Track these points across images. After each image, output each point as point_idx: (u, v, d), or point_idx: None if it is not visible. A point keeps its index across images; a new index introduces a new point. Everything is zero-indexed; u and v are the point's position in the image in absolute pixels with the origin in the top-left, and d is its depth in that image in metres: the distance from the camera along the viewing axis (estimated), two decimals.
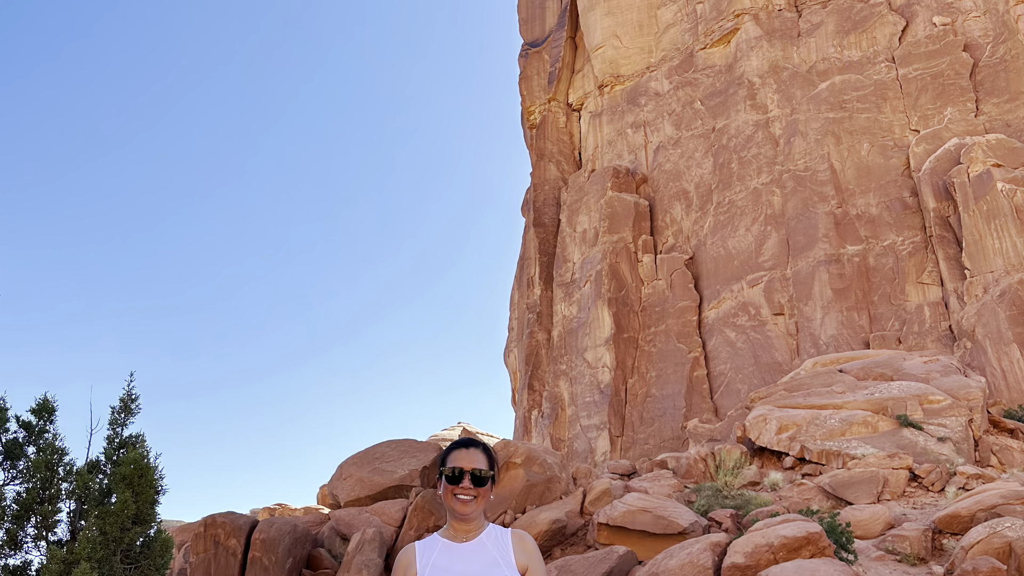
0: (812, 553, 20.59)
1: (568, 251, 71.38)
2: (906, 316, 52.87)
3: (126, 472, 5.16)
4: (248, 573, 29.71)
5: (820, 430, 34.58)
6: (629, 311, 63.61)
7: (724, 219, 63.27)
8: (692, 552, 21.88)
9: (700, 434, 53.36)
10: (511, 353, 77.57)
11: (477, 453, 4.51)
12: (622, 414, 60.33)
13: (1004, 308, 47.22)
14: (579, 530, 30.64)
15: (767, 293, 57.91)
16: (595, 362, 62.86)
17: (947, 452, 32.68)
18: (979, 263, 49.91)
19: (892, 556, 23.00)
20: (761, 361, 55.68)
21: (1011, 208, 49.23)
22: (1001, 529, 21.16)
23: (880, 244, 55.69)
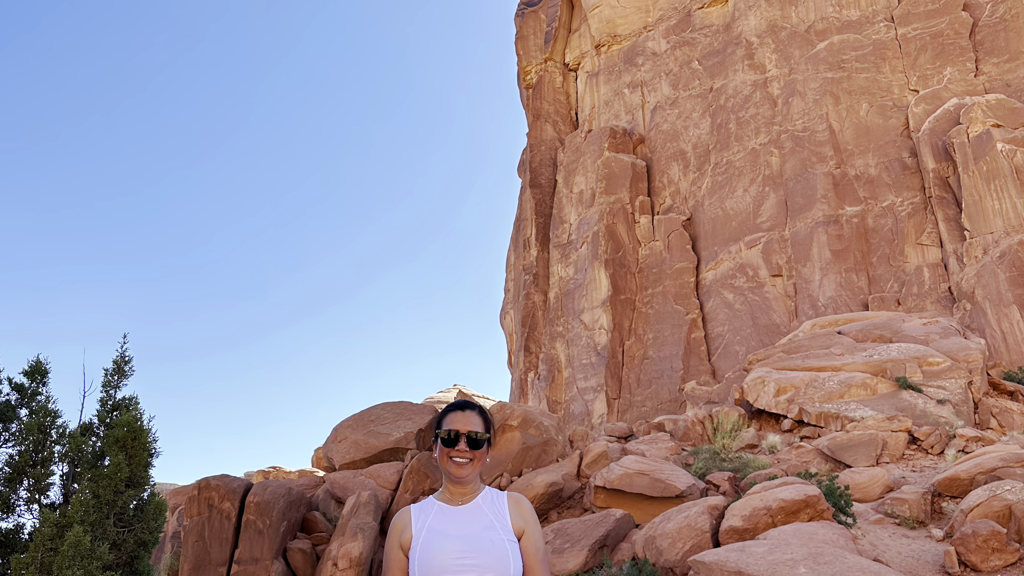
0: (810, 516, 20.54)
1: (565, 212, 71.20)
2: (905, 278, 52.77)
3: (119, 435, 5.08)
4: (242, 536, 29.70)
5: (819, 392, 34.53)
6: (626, 272, 63.51)
7: (722, 180, 63.12)
8: (690, 515, 21.84)
9: (698, 396, 53.36)
10: (507, 315, 77.53)
11: (473, 416, 4.46)
12: (619, 376, 60.31)
13: (1004, 269, 47.14)
14: (576, 493, 30.62)
15: (765, 254, 57.81)
16: (592, 324, 62.80)
17: (946, 415, 32.63)
18: (979, 224, 49.79)
19: (891, 519, 22.96)
20: (759, 323, 55.63)
21: (1011, 169, 49.09)
22: (1001, 492, 21.11)
23: (879, 205, 55.56)
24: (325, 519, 32.02)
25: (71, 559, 4.13)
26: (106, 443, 5.18)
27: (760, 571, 15.77)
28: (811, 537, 18.27)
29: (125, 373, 5.80)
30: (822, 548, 16.78)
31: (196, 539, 30.11)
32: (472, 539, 4.19)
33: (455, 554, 4.11)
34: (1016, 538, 20.03)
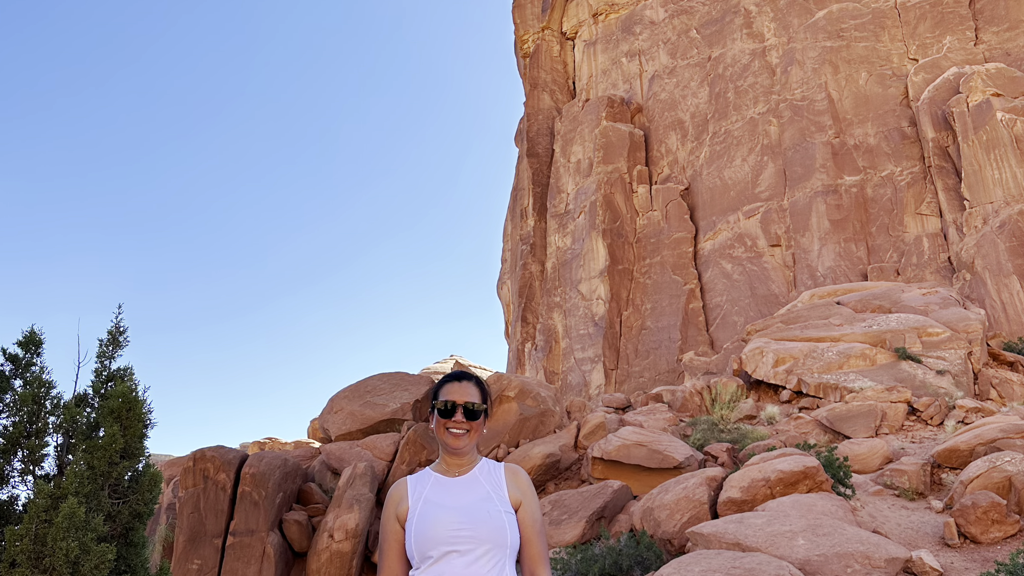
0: (809, 488, 20.52)
1: (562, 182, 71.04)
2: (904, 247, 52.69)
3: (114, 406, 5.01)
4: (238, 507, 29.67)
5: (817, 363, 34.51)
6: (624, 242, 63.40)
7: (720, 149, 62.98)
8: (688, 486, 21.81)
9: (696, 367, 53.34)
10: (504, 285, 77.45)
11: (470, 386, 4.42)
12: (617, 347, 60.27)
13: (1004, 239, 47.07)
14: (573, 464, 30.61)
15: (764, 224, 57.71)
16: (589, 294, 62.72)
17: (946, 385, 32.61)
18: (978, 194, 49.69)
19: (890, 491, 22.95)
20: (757, 293, 55.58)
21: (1011, 138, 48.97)
22: (1001, 463, 21.09)
23: (878, 175, 55.44)
24: (321, 490, 32.01)
25: (65, 531, 4.09)
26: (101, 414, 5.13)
27: (758, 543, 15.74)
28: (810, 509, 18.24)
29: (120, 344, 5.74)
30: (821, 520, 16.75)
31: (191, 511, 30.09)
32: (469, 510, 4.15)
33: (452, 526, 4.08)
34: (1016, 509, 20.00)
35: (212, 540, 29.67)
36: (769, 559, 14.50)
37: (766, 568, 14.09)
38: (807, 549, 15.17)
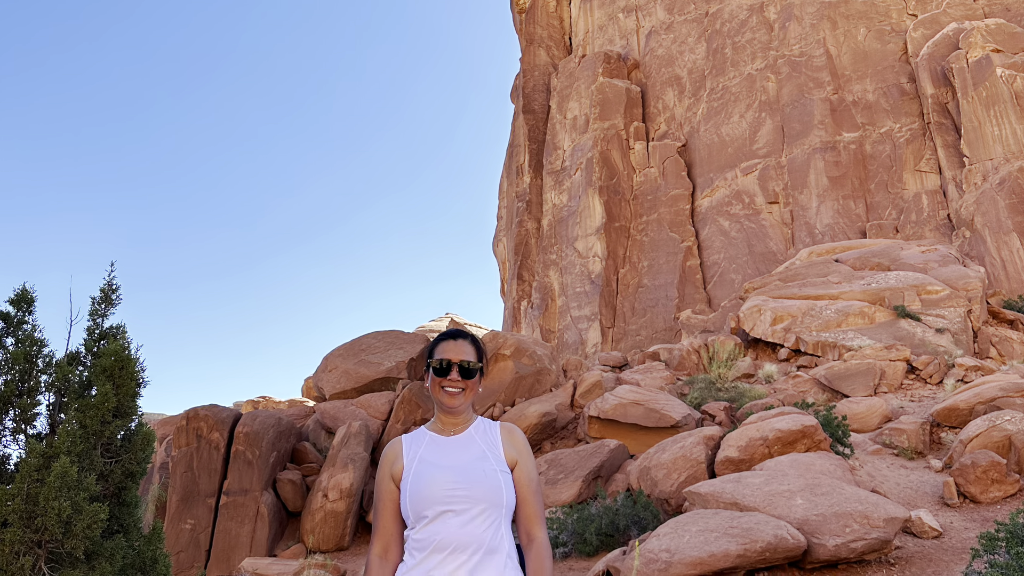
0: (807, 447, 20.50)
1: (558, 138, 70.86)
2: (903, 205, 52.61)
3: (106, 364, 4.96)
4: (231, 467, 29.66)
5: (816, 321, 34.48)
6: (620, 199, 63.27)
7: (718, 106, 62.81)
8: (685, 446, 21.79)
9: (693, 325, 53.33)
10: (500, 243, 77.33)
11: (465, 344, 4.41)
12: (613, 305, 60.24)
13: (1004, 196, 46.99)
14: (569, 423, 30.61)
15: (761, 181, 57.61)
16: (586, 252, 62.64)
17: (945, 343, 32.60)
18: (978, 151, 49.59)
19: (889, 450, 22.95)
20: (755, 250, 55.52)
21: (1011, 94, 48.84)
22: (1001, 422, 21.08)
23: (877, 131, 55.31)
24: (315, 449, 32.01)
25: (57, 490, 4.05)
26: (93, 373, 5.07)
27: (756, 502, 15.72)
28: (808, 468, 18.22)
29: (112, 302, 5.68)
30: (819, 479, 16.73)
31: (184, 470, 30.07)
32: (464, 470, 4.14)
33: (447, 485, 4.07)
34: (1016, 469, 20.00)
35: (205, 500, 29.67)
36: (767, 519, 14.49)
37: (764, 528, 14.07)
38: (805, 509, 15.15)
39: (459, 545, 4.01)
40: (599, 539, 19.05)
